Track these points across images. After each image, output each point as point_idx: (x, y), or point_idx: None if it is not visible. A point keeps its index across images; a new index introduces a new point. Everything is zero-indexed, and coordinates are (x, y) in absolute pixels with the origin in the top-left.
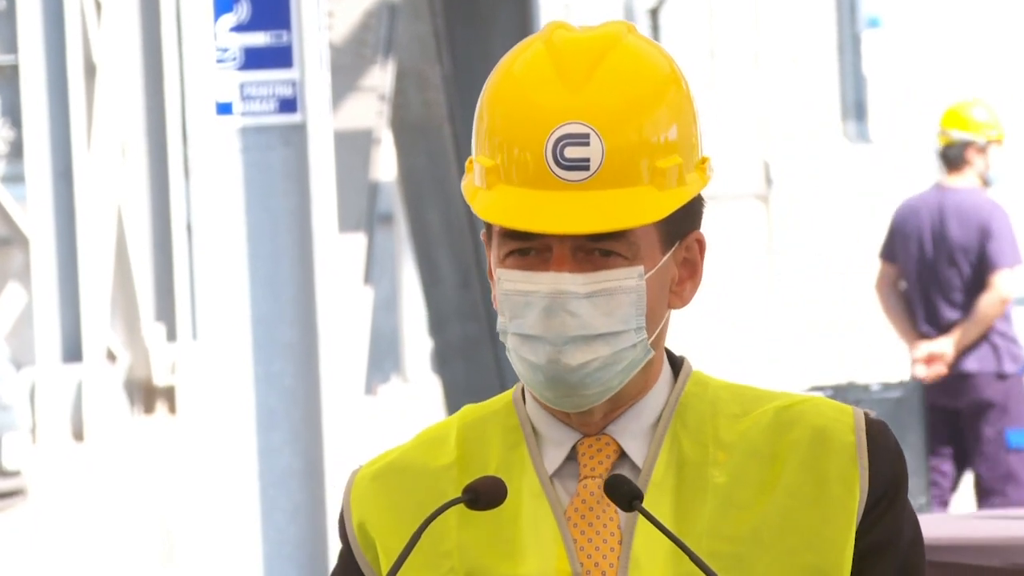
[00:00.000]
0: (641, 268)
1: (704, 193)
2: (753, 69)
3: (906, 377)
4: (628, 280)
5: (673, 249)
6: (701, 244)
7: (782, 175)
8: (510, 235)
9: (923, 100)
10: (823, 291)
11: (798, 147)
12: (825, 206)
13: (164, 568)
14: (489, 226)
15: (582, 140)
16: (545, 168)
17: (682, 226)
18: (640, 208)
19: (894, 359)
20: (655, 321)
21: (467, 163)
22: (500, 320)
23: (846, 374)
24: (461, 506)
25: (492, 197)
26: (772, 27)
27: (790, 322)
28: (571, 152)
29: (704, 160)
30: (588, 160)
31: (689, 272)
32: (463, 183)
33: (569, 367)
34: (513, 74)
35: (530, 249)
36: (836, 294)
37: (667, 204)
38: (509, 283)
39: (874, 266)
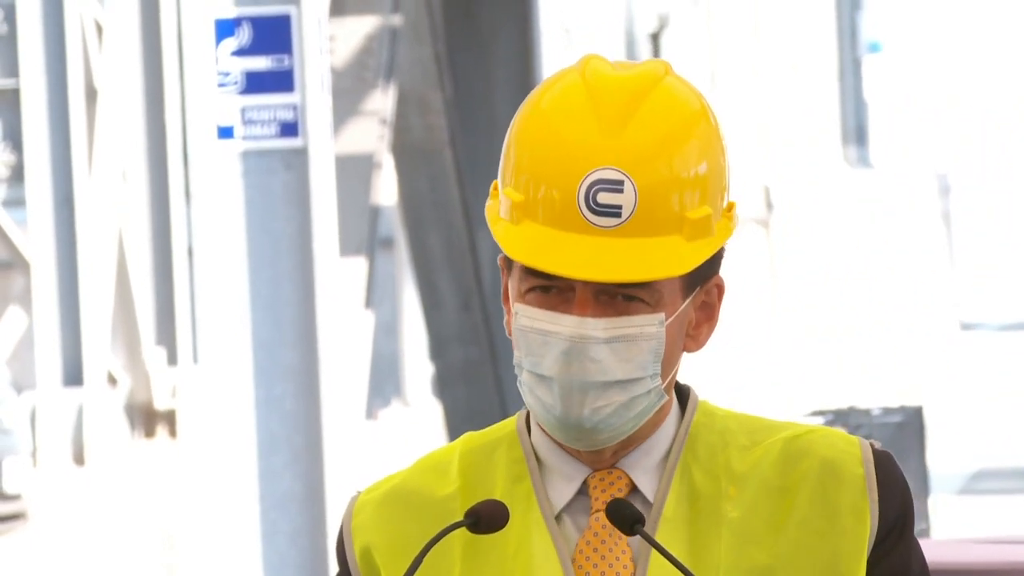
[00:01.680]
0: (662, 315)
1: None
2: (754, 94)
3: (907, 401)
4: (649, 327)
5: (694, 294)
6: (720, 289)
7: (783, 199)
8: (533, 272)
9: (924, 124)
10: (824, 314)
11: (799, 171)
12: (826, 230)
13: None
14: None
15: (616, 187)
16: (576, 211)
17: (705, 272)
18: (668, 259)
19: (895, 382)
20: (670, 365)
21: (492, 186)
22: (516, 354)
23: (847, 398)
24: (466, 539)
25: (519, 233)
26: (772, 52)
27: (791, 346)
28: (604, 198)
29: (731, 206)
30: (620, 207)
31: (706, 316)
32: (487, 206)
33: (583, 413)
34: (548, 109)
35: (551, 287)
36: (838, 317)
37: (695, 256)
38: (528, 320)
39: (874, 289)
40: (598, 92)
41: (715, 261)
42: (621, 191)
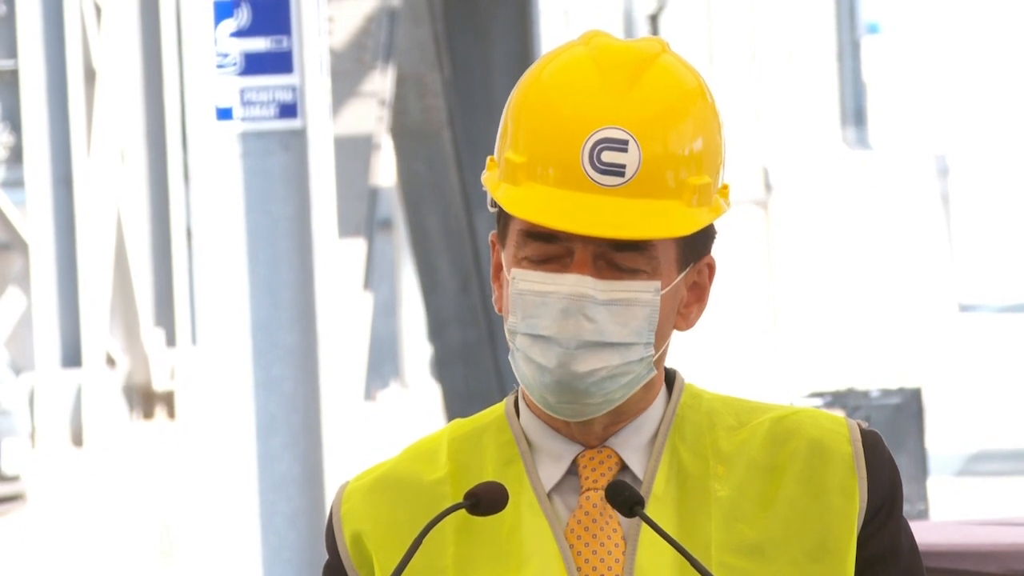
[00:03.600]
0: (658, 283)
1: None
2: (752, 75)
3: (905, 383)
4: (645, 293)
5: (687, 271)
6: (712, 269)
7: (781, 181)
8: (532, 236)
9: (922, 106)
10: (822, 296)
11: (797, 153)
12: (824, 212)
13: (163, 571)
14: (504, 227)
15: (621, 146)
16: (580, 170)
17: (699, 249)
18: (670, 221)
19: (893, 364)
20: (662, 339)
21: (489, 160)
22: (510, 320)
23: (846, 380)
24: (459, 522)
25: (521, 194)
26: (771, 33)
27: (789, 327)
28: (608, 157)
29: (726, 187)
30: (624, 167)
31: (697, 296)
32: (484, 178)
33: (578, 372)
34: (552, 74)
35: (548, 257)
36: (835, 299)
37: (695, 220)
38: (525, 283)
39: (872, 270)
40: (603, 59)
41: (708, 239)
42: (626, 151)
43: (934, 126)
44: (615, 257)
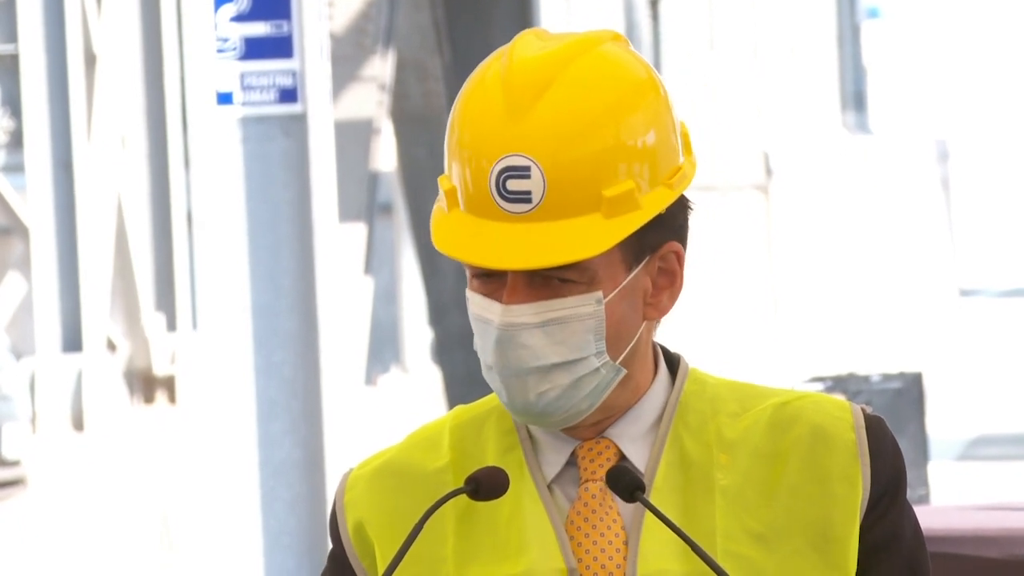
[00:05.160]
0: (599, 293)
1: (704, 184)
2: (753, 60)
3: (906, 368)
4: (583, 307)
5: (644, 263)
6: (679, 256)
7: (782, 166)
8: None
9: (923, 90)
10: (823, 280)
11: (798, 138)
12: (825, 196)
13: (163, 557)
14: None
15: (523, 173)
16: (490, 199)
17: (652, 240)
18: (586, 240)
19: (894, 348)
20: (624, 339)
21: (440, 179)
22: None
23: (846, 364)
24: (459, 511)
25: (448, 223)
26: (772, 18)
27: (790, 311)
28: (513, 185)
29: (677, 170)
30: (530, 192)
31: (667, 281)
32: (436, 202)
33: (528, 399)
34: (468, 97)
35: (490, 279)
36: (836, 283)
37: (615, 232)
38: (472, 306)
39: (873, 255)
40: (511, 75)
41: (665, 227)
42: (528, 176)
43: (935, 111)
44: (548, 274)
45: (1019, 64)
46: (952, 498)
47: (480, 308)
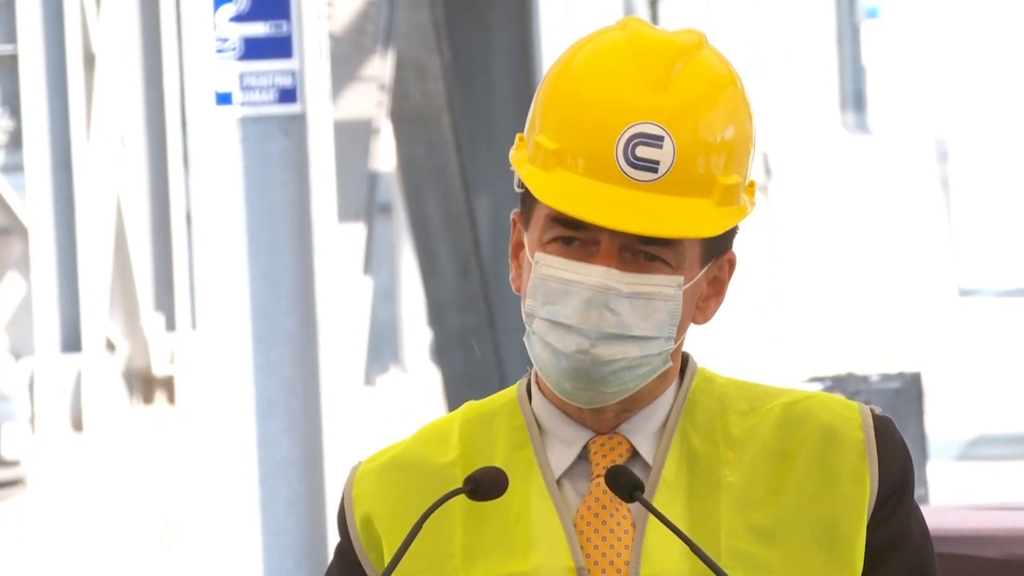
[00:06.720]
0: (681, 278)
1: None
2: (752, 60)
3: (905, 367)
4: (668, 288)
5: (708, 266)
6: (732, 264)
7: (781, 165)
8: (560, 221)
9: (922, 90)
10: (822, 280)
11: (797, 138)
12: (824, 196)
13: (163, 557)
14: (529, 208)
15: (656, 142)
16: (613, 162)
17: (721, 245)
18: (700, 220)
19: (893, 348)
20: (681, 332)
21: (518, 138)
22: (529, 303)
23: (846, 364)
24: (468, 506)
25: (551, 181)
26: (771, 18)
27: (789, 311)
28: (643, 152)
29: (752, 184)
30: (658, 163)
31: (715, 290)
32: (512, 155)
33: (597, 361)
34: (589, 61)
35: (575, 239)
36: (835, 283)
37: (724, 221)
38: (549, 268)
39: (873, 255)
40: (641, 49)
41: (730, 236)
42: (660, 147)
43: (934, 111)
44: (642, 249)
45: (1019, 64)
46: (951, 498)
47: (564, 269)
